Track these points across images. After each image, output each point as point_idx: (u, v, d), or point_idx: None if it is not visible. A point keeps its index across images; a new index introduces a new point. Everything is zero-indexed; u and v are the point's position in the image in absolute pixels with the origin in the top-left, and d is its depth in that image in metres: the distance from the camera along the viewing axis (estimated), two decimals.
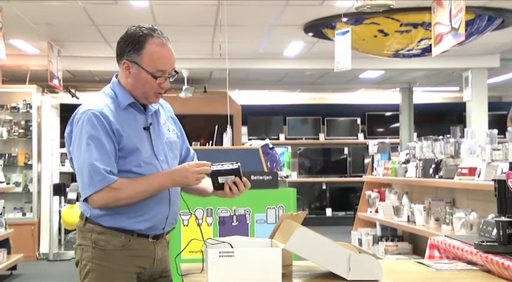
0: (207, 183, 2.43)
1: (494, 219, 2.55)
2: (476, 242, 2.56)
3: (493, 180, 2.61)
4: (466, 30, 5.11)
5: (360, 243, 6.75)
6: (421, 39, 6.51)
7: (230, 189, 2.36)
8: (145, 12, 6.58)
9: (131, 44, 2.36)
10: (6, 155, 8.52)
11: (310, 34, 7.48)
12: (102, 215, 2.33)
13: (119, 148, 2.31)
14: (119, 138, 2.31)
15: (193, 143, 5.43)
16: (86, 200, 2.33)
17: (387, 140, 7.32)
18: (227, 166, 2.34)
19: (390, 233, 6.36)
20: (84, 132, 2.28)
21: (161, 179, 2.32)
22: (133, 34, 2.37)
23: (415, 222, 5.38)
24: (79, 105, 2.43)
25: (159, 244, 2.42)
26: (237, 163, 2.35)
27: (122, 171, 2.31)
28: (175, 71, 2.40)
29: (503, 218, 2.47)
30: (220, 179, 2.34)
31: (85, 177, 2.27)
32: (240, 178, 2.35)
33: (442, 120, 12.74)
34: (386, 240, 6.23)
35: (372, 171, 7.02)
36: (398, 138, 11.94)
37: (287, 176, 10.26)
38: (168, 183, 2.33)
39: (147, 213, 2.34)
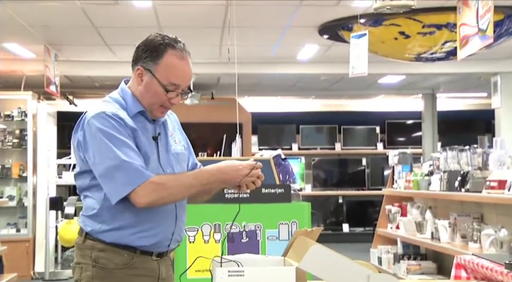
0: None
1: None
2: (507, 262, 2.54)
3: None
4: (494, 31, 5.09)
5: (380, 262, 6.72)
6: (446, 42, 6.50)
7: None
8: (148, 13, 6.61)
9: (149, 51, 2.39)
10: (0, 166, 8.56)
11: (326, 36, 7.48)
12: (105, 230, 2.33)
13: None
14: (134, 141, 2.34)
15: (199, 153, 5.44)
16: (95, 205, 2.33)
17: (409, 150, 7.30)
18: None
19: (412, 251, 6.33)
20: (105, 133, 2.29)
21: (209, 174, 2.32)
22: (153, 41, 2.41)
23: (439, 240, 5.35)
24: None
25: (163, 262, 2.43)
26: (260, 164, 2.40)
27: None
28: (189, 89, 2.43)
29: None
30: None
31: (119, 177, 2.26)
32: (258, 177, 2.39)
33: (468, 128, 12.69)
34: (408, 259, 6.20)
35: (393, 183, 7.00)
36: (420, 148, 11.91)
37: (301, 189, 10.23)
38: (217, 181, 2.32)
39: (152, 228, 2.35)
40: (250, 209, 4.05)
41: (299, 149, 12.92)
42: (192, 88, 2.45)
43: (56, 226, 8.65)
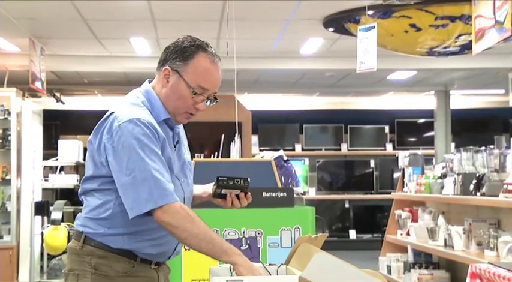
0: (199, 189, 2.61)
1: None
2: None
3: None
4: None
5: (389, 271, 6.73)
6: (460, 35, 6.50)
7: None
8: (141, 5, 6.62)
9: (180, 51, 2.43)
10: None
11: (331, 29, 7.49)
12: (112, 234, 2.36)
13: None
14: (162, 153, 2.38)
15: (196, 154, 5.45)
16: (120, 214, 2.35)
17: (420, 151, 7.31)
18: (236, 181, 2.48)
19: (424, 260, 6.33)
20: (140, 143, 2.31)
21: (231, 249, 2.28)
22: (184, 42, 2.45)
23: (453, 247, 5.35)
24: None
25: (161, 271, 2.49)
26: (247, 179, 2.48)
27: None
28: (215, 97, 2.47)
29: None
30: (224, 191, 2.50)
31: (144, 192, 2.28)
32: (245, 194, 2.51)
33: (484, 128, 12.69)
34: (419, 268, 6.20)
35: (403, 187, 7.00)
36: (433, 149, 11.91)
37: (304, 193, 10.23)
38: (233, 258, 2.27)
39: (160, 238, 2.40)
40: (250, 214, 4.05)
41: (302, 149, 12.92)
42: (217, 98, 2.50)
43: (42, 233, 8.65)
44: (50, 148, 10.14)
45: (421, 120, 13.29)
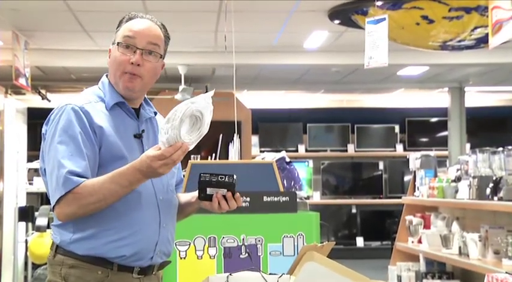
0: (188, 195, 2.58)
1: None
2: None
3: None
4: None
5: (400, 281, 6.73)
6: (475, 27, 6.50)
7: (218, 203, 2.44)
8: None
9: (116, 29, 2.52)
10: None
11: (337, 21, 7.49)
12: (76, 239, 2.36)
13: (99, 152, 2.38)
14: (100, 140, 2.37)
15: (192, 156, 5.44)
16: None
17: (433, 153, 7.31)
18: (220, 178, 2.43)
19: (437, 269, 6.33)
20: (58, 128, 2.35)
21: (130, 176, 2.29)
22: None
23: (468, 256, 5.36)
24: (51, 109, 2.49)
25: (146, 281, 2.44)
26: (232, 176, 2.44)
27: None
28: (160, 55, 2.49)
29: None
30: (209, 190, 2.44)
31: (53, 181, 2.33)
32: (233, 193, 2.44)
33: (501, 127, 12.71)
34: (432, 278, 6.20)
35: (414, 191, 7.00)
36: (446, 150, 11.93)
37: (308, 197, 10.24)
38: (139, 179, 2.30)
39: (130, 235, 2.37)
40: (250, 220, 4.05)
41: (306, 151, 12.93)
42: (163, 54, 2.51)
43: (26, 240, 8.65)
44: (34, 149, 10.08)
45: (434, 119, 13.31)
